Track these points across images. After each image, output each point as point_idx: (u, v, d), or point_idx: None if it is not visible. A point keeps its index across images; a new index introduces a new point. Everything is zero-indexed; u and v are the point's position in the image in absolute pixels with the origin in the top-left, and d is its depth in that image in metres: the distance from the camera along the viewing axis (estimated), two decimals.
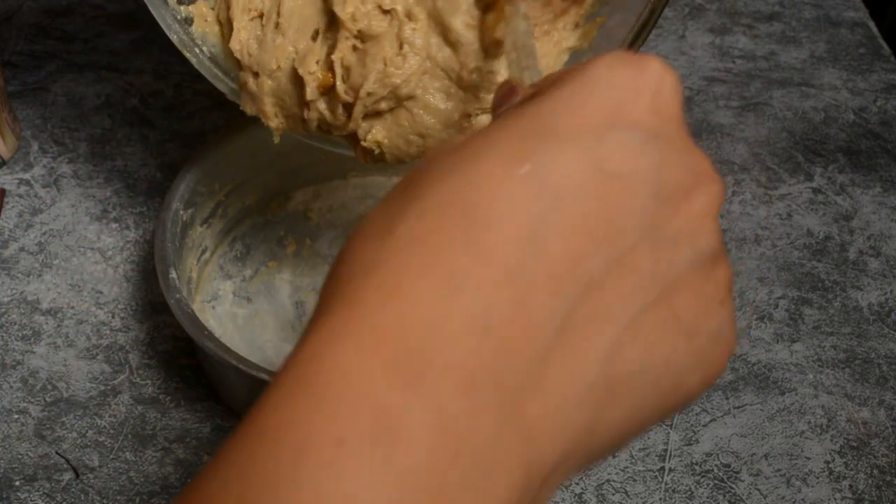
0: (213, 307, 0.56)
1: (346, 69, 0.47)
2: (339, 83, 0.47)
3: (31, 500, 0.49)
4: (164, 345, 0.56)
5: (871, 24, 0.79)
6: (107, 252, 0.60)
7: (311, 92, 0.47)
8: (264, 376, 0.46)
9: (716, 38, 0.77)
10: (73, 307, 0.57)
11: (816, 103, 0.72)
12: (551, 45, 0.49)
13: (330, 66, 0.47)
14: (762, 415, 0.54)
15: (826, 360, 0.56)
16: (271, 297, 0.57)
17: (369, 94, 0.46)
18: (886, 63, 0.75)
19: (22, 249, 0.59)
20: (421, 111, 0.47)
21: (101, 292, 0.58)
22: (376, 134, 0.48)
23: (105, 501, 0.49)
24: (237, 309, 0.56)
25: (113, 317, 0.57)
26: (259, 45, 0.48)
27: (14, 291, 0.57)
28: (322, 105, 0.48)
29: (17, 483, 0.50)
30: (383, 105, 0.47)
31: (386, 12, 0.46)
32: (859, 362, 0.56)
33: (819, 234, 0.63)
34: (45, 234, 0.60)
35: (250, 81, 0.48)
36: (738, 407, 0.54)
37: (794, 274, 0.61)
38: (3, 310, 0.57)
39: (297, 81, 0.47)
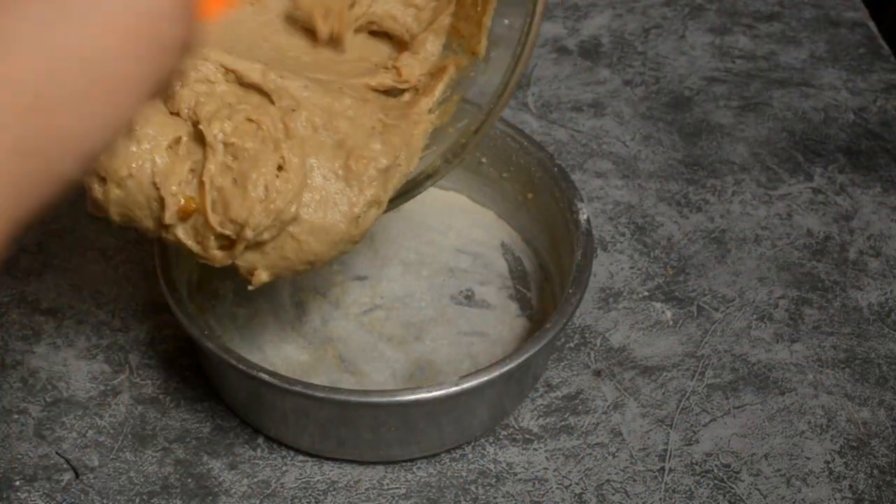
0: (213, 307, 0.56)
1: (220, 192, 0.42)
2: (210, 213, 0.42)
3: (31, 500, 0.49)
4: (164, 345, 0.56)
5: (871, 24, 0.79)
6: (107, 252, 0.60)
7: (169, 216, 0.42)
8: (264, 376, 0.46)
9: (716, 38, 0.77)
10: (73, 307, 0.57)
11: (816, 103, 0.72)
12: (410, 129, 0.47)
13: (198, 187, 0.42)
14: (762, 415, 0.54)
15: (826, 360, 0.56)
16: (271, 297, 0.57)
17: (255, 227, 0.42)
18: (886, 63, 0.75)
19: (22, 249, 0.59)
20: (307, 236, 0.43)
21: (101, 292, 0.58)
22: (261, 274, 0.44)
23: (105, 501, 0.49)
24: (237, 309, 0.56)
25: (113, 317, 0.57)
26: None
27: (14, 291, 0.57)
28: (182, 232, 0.43)
29: (17, 483, 0.50)
30: (266, 235, 0.42)
31: (254, 122, 0.43)
32: (859, 362, 0.56)
33: (819, 234, 0.63)
34: (45, 233, 0.60)
35: (95, 187, 0.42)
36: (738, 407, 0.54)
37: (794, 274, 0.61)
38: (3, 310, 0.57)
39: (154, 196, 0.42)
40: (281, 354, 0.55)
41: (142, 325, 0.56)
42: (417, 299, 0.58)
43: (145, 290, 0.58)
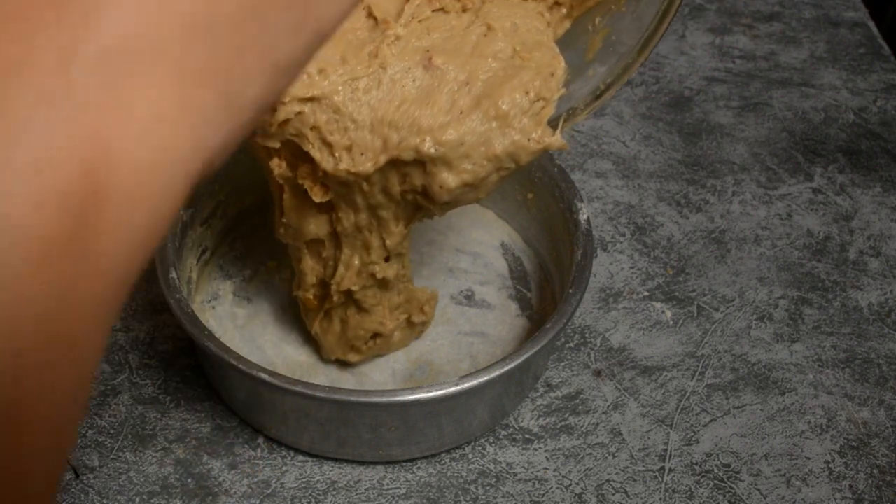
0: (213, 307, 0.56)
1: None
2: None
3: None
4: (164, 345, 0.56)
5: (871, 24, 0.79)
6: None
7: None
8: (264, 376, 0.46)
9: (716, 38, 0.77)
10: None
11: (816, 103, 0.72)
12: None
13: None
14: (762, 415, 0.54)
15: (826, 360, 0.56)
16: (271, 297, 0.57)
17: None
18: (886, 63, 0.75)
19: None
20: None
21: None
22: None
23: (105, 501, 0.49)
24: (237, 309, 0.56)
25: None
26: None
27: None
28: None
29: None
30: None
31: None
32: (859, 362, 0.56)
33: (819, 234, 0.63)
34: None
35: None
36: (738, 407, 0.54)
37: (794, 274, 0.61)
38: None
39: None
40: (281, 354, 0.55)
41: (142, 325, 0.56)
42: None
43: (145, 290, 0.58)
